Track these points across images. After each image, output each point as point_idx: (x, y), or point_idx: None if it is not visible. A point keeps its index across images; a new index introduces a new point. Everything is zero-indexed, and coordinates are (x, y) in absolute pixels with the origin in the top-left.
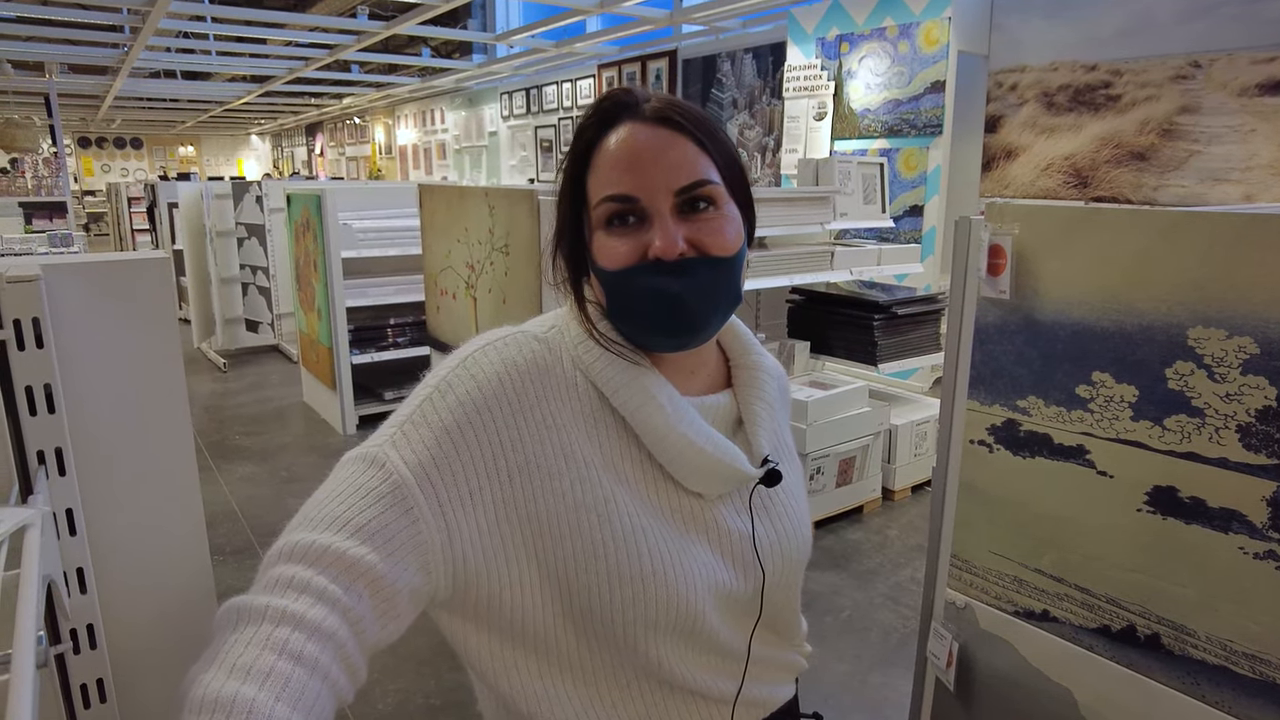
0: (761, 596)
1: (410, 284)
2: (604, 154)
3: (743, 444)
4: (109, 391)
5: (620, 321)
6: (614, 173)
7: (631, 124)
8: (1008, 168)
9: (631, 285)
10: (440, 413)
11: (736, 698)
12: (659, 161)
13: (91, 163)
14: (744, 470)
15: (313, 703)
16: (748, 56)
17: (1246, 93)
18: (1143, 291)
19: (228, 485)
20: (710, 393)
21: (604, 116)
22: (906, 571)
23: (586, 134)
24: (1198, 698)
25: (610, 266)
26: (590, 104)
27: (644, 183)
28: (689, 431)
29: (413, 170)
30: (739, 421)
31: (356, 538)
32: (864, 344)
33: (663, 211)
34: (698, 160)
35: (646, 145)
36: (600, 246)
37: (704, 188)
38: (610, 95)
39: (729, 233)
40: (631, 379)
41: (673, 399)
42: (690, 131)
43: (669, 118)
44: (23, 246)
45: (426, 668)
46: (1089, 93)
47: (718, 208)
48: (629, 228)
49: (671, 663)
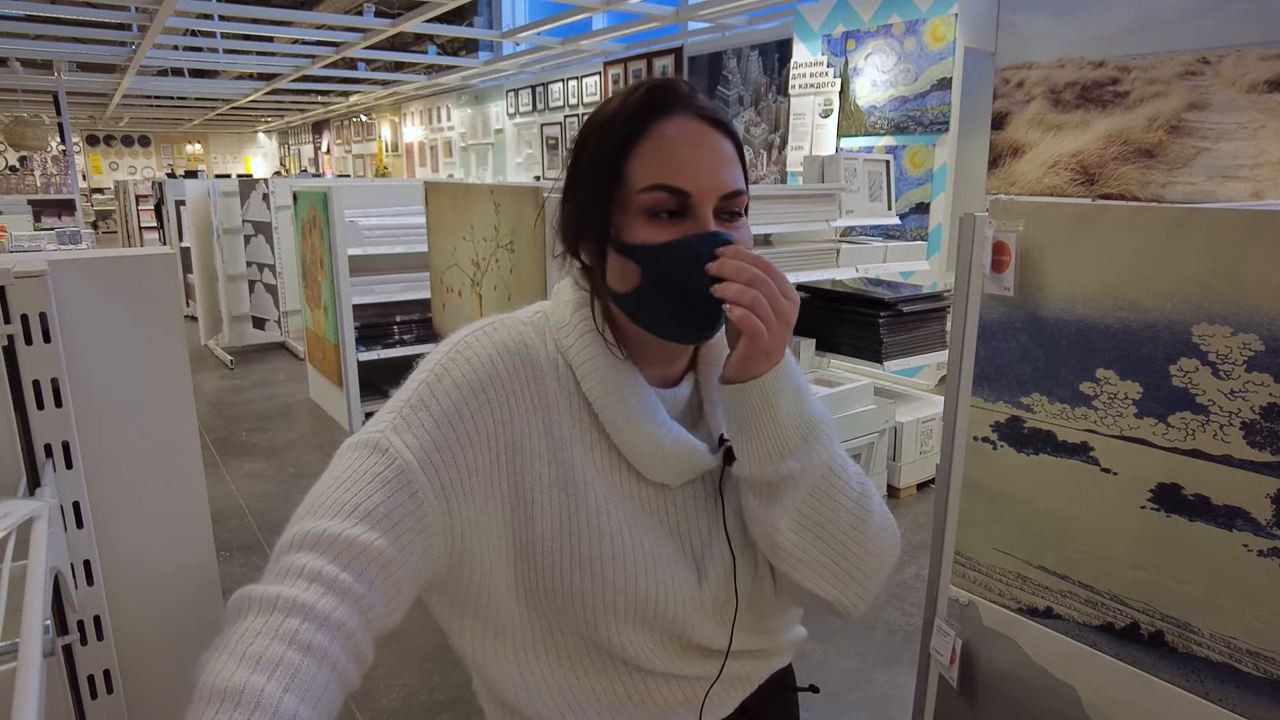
0: (735, 581)
1: (416, 281)
2: (659, 140)
3: (706, 430)
4: (115, 385)
5: (647, 299)
6: (669, 163)
7: (688, 117)
8: (1014, 165)
9: (677, 253)
10: (438, 397)
11: (715, 680)
12: (714, 162)
13: (99, 160)
14: (702, 460)
15: (320, 693)
16: (754, 53)
17: (1255, 89)
18: (1147, 288)
19: (235, 482)
20: (676, 384)
21: (656, 103)
22: (911, 569)
23: (636, 118)
24: (1202, 695)
25: (654, 241)
26: (629, 89)
27: (699, 180)
28: (647, 425)
29: (419, 168)
30: (702, 408)
31: (365, 523)
32: (869, 341)
33: (706, 209)
34: (738, 169)
35: (706, 144)
36: (637, 231)
37: (741, 197)
38: (662, 83)
39: (748, 237)
40: (602, 366)
41: (639, 393)
42: (734, 138)
43: (720, 120)
44: (31, 243)
45: (431, 663)
46: (1096, 89)
47: (743, 220)
48: (668, 220)
49: (638, 648)
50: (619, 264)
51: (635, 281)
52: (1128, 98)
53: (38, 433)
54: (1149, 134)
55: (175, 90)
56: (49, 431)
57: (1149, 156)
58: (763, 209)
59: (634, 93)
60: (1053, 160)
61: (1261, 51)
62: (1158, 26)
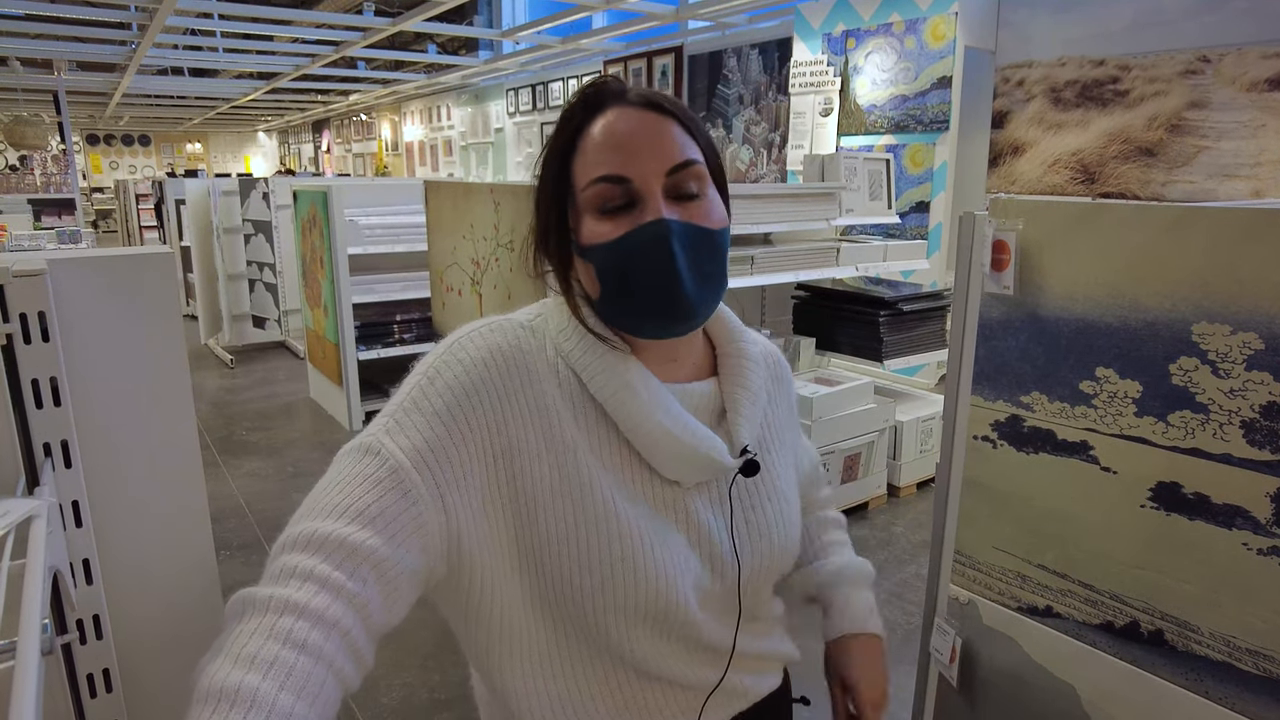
0: (739, 590)
1: (416, 280)
2: (592, 138)
3: (725, 434)
4: (115, 384)
5: (612, 302)
6: (604, 154)
7: (619, 108)
8: (1014, 163)
9: (625, 248)
10: (431, 399)
11: (715, 688)
12: (649, 143)
13: (100, 160)
14: (721, 460)
15: (317, 691)
16: (754, 52)
17: (1256, 88)
18: (1147, 287)
19: (235, 481)
20: (694, 380)
21: (589, 102)
22: (911, 568)
23: (573, 121)
24: (1201, 694)
25: (604, 240)
26: (573, 93)
27: (635, 163)
28: (664, 419)
29: (419, 167)
30: (724, 411)
31: (358, 523)
32: (870, 340)
33: (654, 192)
34: (685, 141)
35: (636, 127)
36: (590, 230)
37: (692, 167)
38: (594, 83)
39: (714, 214)
40: (609, 365)
41: (650, 385)
42: (675, 115)
43: (654, 102)
44: (31, 243)
45: (431, 662)
46: (1097, 88)
47: (703, 191)
48: (620, 211)
49: (645, 652)
50: (584, 269)
51: (598, 285)
52: (1128, 96)
53: (37, 432)
54: (1149, 132)
55: (175, 89)
56: (48, 430)
57: (1149, 155)
58: (763, 207)
59: (573, 102)
60: (1053, 159)
61: (1262, 50)
62: (1158, 25)
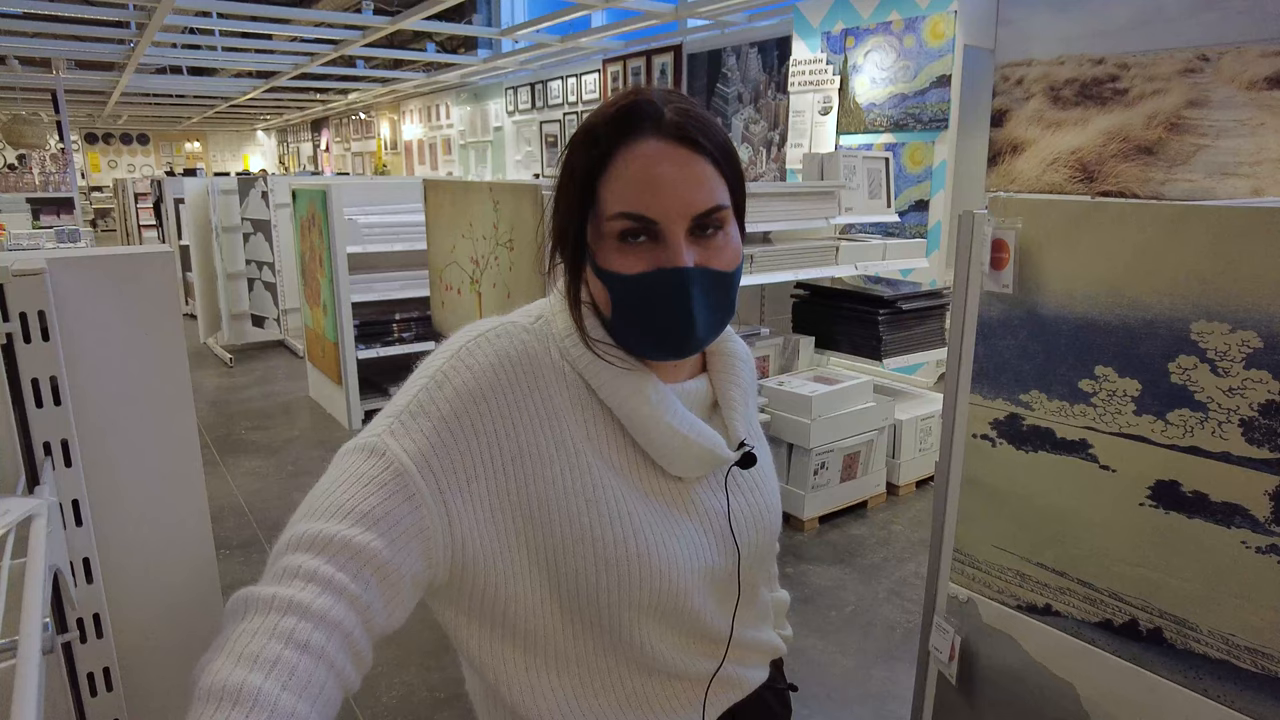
0: (739, 574)
1: (415, 279)
2: (623, 167)
3: (718, 427)
4: (114, 384)
5: (623, 328)
6: (633, 191)
7: (654, 141)
8: (1014, 162)
9: (644, 289)
10: (438, 403)
11: (713, 677)
12: (679, 186)
13: (98, 158)
14: (723, 454)
15: (318, 691)
16: (753, 51)
17: (1255, 86)
18: (1146, 285)
19: (234, 479)
20: (689, 378)
21: (623, 125)
22: (910, 566)
23: (603, 141)
24: (1200, 691)
25: (624, 272)
26: (606, 104)
27: (663, 206)
28: (674, 421)
29: (418, 165)
30: (714, 405)
31: (361, 524)
32: (869, 339)
33: (678, 235)
34: (714, 184)
35: (668, 170)
36: (610, 257)
37: (717, 213)
38: (630, 103)
39: (730, 253)
40: (618, 374)
41: (658, 390)
42: (709, 152)
43: (690, 137)
44: (30, 242)
45: (431, 660)
46: (1096, 86)
47: (725, 230)
48: (641, 245)
49: (654, 644)
50: (597, 284)
51: (609, 305)
52: (1127, 95)
53: (37, 431)
54: (1148, 131)
55: (174, 88)
56: (48, 430)
57: (1148, 153)
58: (762, 206)
59: (609, 108)
60: (1052, 157)
61: (1261, 48)
62: (1157, 23)
